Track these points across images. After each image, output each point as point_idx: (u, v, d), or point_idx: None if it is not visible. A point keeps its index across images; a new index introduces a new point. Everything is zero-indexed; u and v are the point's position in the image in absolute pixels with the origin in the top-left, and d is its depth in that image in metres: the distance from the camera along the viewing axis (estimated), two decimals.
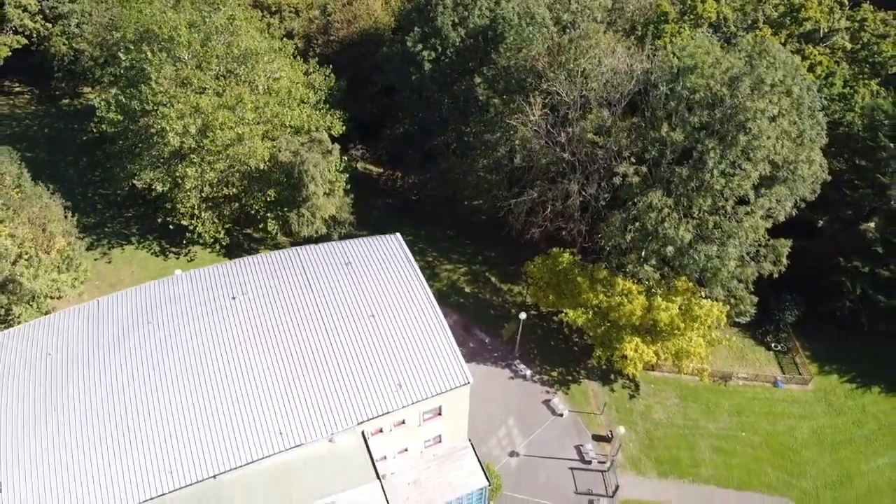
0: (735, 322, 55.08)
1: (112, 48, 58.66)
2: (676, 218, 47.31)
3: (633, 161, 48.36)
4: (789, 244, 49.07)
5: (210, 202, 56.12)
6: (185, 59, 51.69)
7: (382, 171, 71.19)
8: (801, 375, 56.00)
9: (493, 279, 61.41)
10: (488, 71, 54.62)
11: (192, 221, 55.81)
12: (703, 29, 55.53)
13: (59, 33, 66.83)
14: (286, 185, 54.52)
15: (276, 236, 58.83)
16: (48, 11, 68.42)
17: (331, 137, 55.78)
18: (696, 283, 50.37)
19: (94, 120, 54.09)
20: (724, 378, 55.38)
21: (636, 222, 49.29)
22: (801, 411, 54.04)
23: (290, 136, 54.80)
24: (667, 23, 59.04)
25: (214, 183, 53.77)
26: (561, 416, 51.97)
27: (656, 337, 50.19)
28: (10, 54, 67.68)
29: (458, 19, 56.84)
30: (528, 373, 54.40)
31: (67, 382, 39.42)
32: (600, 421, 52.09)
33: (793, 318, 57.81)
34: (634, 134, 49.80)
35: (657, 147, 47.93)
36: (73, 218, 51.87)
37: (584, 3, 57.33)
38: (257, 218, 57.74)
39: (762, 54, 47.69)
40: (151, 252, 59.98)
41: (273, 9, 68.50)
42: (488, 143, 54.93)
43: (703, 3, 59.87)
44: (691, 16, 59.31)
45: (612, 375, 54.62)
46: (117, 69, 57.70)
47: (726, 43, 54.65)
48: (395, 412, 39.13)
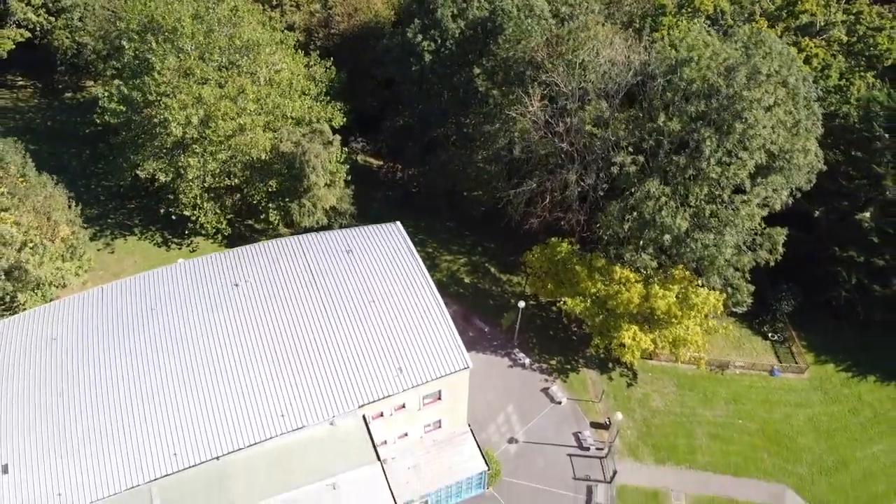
0: (732, 312, 55.65)
1: (115, 40, 59.26)
2: (674, 206, 47.83)
3: (631, 151, 48.89)
4: (785, 232, 49.66)
5: (212, 193, 56.68)
6: (188, 50, 52.26)
7: (382, 163, 71.76)
8: (797, 364, 56.54)
9: (492, 270, 61.97)
10: (487, 62, 55.20)
11: (195, 212, 56.38)
12: (700, 21, 56.02)
13: (62, 27, 67.37)
14: (287, 175, 55.06)
15: (278, 227, 59.38)
16: (51, 5, 68.99)
17: (331, 129, 56.33)
18: (694, 272, 50.94)
19: (98, 111, 54.65)
20: (721, 367, 55.92)
21: (634, 212, 49.82)
22: (797, 399, 54.59)
23: (291, 127, 55.35)
24: (664, 15, 59.58)
25: (217, 173, 54.33)
26: (559, 403, 52.51)
27: (654, 325, 50.72)
28: (13, 48, 68.21)
29: (457, 11, 57.45)
30: (527, 361, 54.94)
31: (72, 367, 40.02)
32: (598, 409, 52.62)
33: (789, 308, 58.35)
34: (632, 125, 50.37)
35: (654, 137, 48.46)
36: (76, 207, 52.41)
37: None
38: (259, 208, 58.32)
39: (758, 45, 48.25)
40: (154, 243, 60.55)
41: (274, 2, 69.06)
42: (488, 135, 55.47)
43: None
44: (689, 8, 59.85)
45: (610, 364, 55.16)
46: (120, 61, 58.29)
47: (723, 35, 55.13)
48: (396, 396, 39.72)
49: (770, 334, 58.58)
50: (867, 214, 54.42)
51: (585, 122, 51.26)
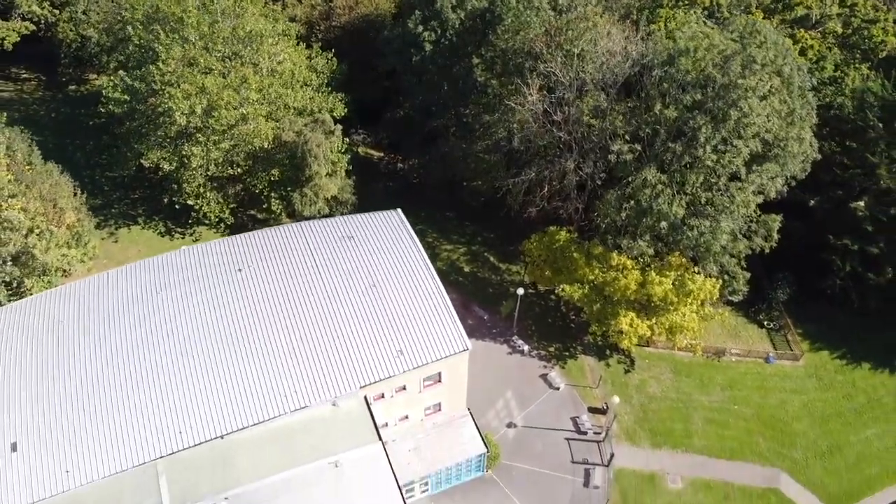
0: (728, 300, 56.33)
1: (119, 31, 59.99)
2: (670, 194, 48.56)
3: (628, 139, 49.61)
4: (780, 219, 50.37)
5: (215, 182, 57.38)
6: (192, 41, 53.02)
7: (383, 155, 72.48)
8: (792, 352, 57.28)
9: (491, 259, 62.71)
10: (486, 53, 55.94)
11: (198, 201, 57.09)
12: (697, 13, 56.74)
13: (67, 19, 68.01)
14: (289, 165, 55.77)
15: (280, 216, 60.09)
16: None
17: (333, 120, 57.03)
18: (691, 260, 51.62)
19: (102, 100, 55.38)
20: (717, 354, 56.67)
21: (631, 200, 50.53)
22: (792, 386, 55.35)
23: (293, 117, 56.10)
24: (661, 7, 60.29)
25: (220, 162, 55.05)
26: (557, 389, 53.24)
27: (651, 312, 51.46)
28: (18, 40, 68.85)
29: (456, 1, 58.14)
30: (526, 348, 55.67)
31: (79, 348, 40.78)
32: (596, 394, 53.37)
33: (785, 297, 59.13)
34: (629, 115, 51.07)
35: (651, 125, 49.19)
36: (82, 195, 53.13)
37: None
38: (261, 198, 59.03)
39: (753, 34, 48.97)
40: (157, 232, 61.26)
41: None
42: (487, 125, 56.16)
43: None
44: (686, 0, 60.56)
45: (607, 351, 55.91)
46: (124, 52, 59.03)
47: (719, 26, 55.82)
48: (396, 377, 40.49)
49: (766, 322, 59.30)
50: (861, 203, 55.12)
51: (584, 112, 51.98)
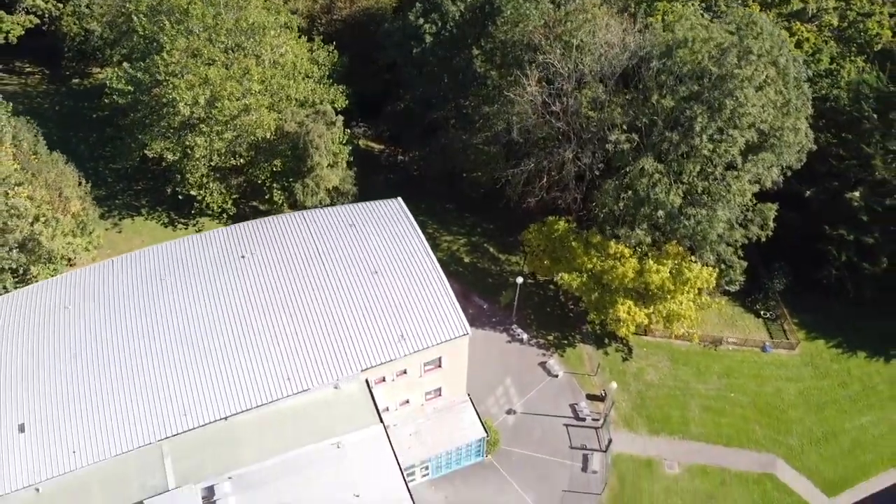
0: (725, 290, 57.03)
1: (122, 25, 60.62)
2: (667, 183, 49.20)
3: (625, 129, 50.23)
4: (775, 208, 51.03)
5: (217, 173, 58.01)
6: (196, 32, 53.73)
7: (384, 147, 73.10)
8: (788, 341, 57.90)
9: (491, 249, 63.33)
10: (486, 44, 56.56)
11: (201, 192, 57.73)
12: (695, 5, 57.32)
13: (70, 13, 68.62)
14: (291, 155, 56.39)
15: (282, 207, 60.52)
16: None
17: (334, 111, 57.61)
18: (688, 250, 52.24)
19: (106, 91, 56.08)
20: (714, 343, 57.30)
21: (629, 190, 51.17)
22: (788, 374, 55.96)
23: (295, 108, 56.75)
24: (659, 0, 60.88)
25: (223, 152, 55.69)
26: (556, 377, 53.89)
27: (648, 301, 52.10)
28: (22, 34, 69.51)
29: None
30: (525, 337, 56.32)
31: (85, 332, 41.49)
32: (594, 382, 54.02)
33: (781, 287, 59.72)
34: (627, 106, 51.71)
35: (648, 116, 49.83)
36: (86, 185, 53.79)
37: None
38: (263, 189, 59.66)
39: (750, 26, 49.61)
40: (160, 223, 61.89)
41: None
42: (486, 116, 56.72)
43: None
44: None
45: (605, 340, 56.54)
46: (127, 44, 59.67)
47: (716, 19, 56.47)
48: (397, 361, 41.17)
49: (762, 312, 59.90)
50: (857, 194, 55.70)
51: (582, 104, 52.58)
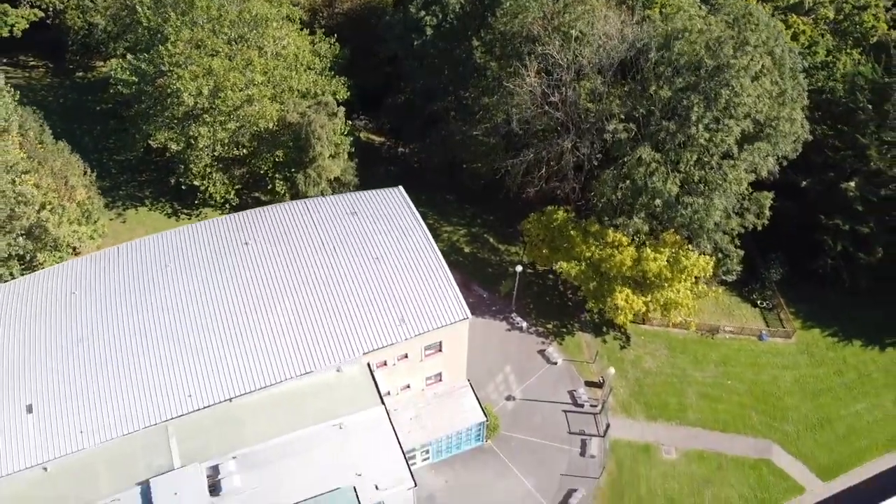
0: (722, 281, 57.79)
1: (125, 18, 61.28)
2: (664, 172, 49.87)
3: (623, 118, 50.90)
4: (771, 196, 51.73)
5: (221, 163, 58.71)
6: (201, 23, 54.48)
7: (384, 140, 73.81)
8: (784, 329, 58.57)
9: (491, 240, 64.02)
10: (486, 35, 57.26)
11: (204, 182, 58.41)
12: None
13: (74, 6, 69.23)
14: (293, 146, 57.06)
15: (284, 197, 61.14)
16: None
17: (336, 102, 58.31)
18: (685, 239, 52.90)
19: (111, 81, 56.81)
20: (711, 331, 57.97)
21: (627, 180, 51.84)
22: (784, 362, 56.63)
23: (297, 99, 57.47)
24: None
25: (226, 142, 56.38)
26: (555, 364, 54.57)
27: (646, 289, 52.77)
28: (27, 27, 70.11)
29: None
30: (525, 325, 57.00)
31: (92, 316, 42.15)
32: (593, 369, 54.69)
33: (778, 277, 60.41)
34: (625, 97, 52.39)
35: (645, 105, 50.51)
36: (91, 174, 54.49)
37: None
38: (265, 180, 60.36)
39: (746, 17, 50.31)
40: (164, 213, 62.59)
41: None
42: (486, 107, 57.39)
43: None
44: None
45: (604, 328, 57.21)
46: (131, 38, 60.39)
47: (714, 11, 57.10)
48: (399, 344, 41.82)
49: (759, 302, 60.61)
50: (852, 184, 56.37)
51: (581, 96, 53.23)
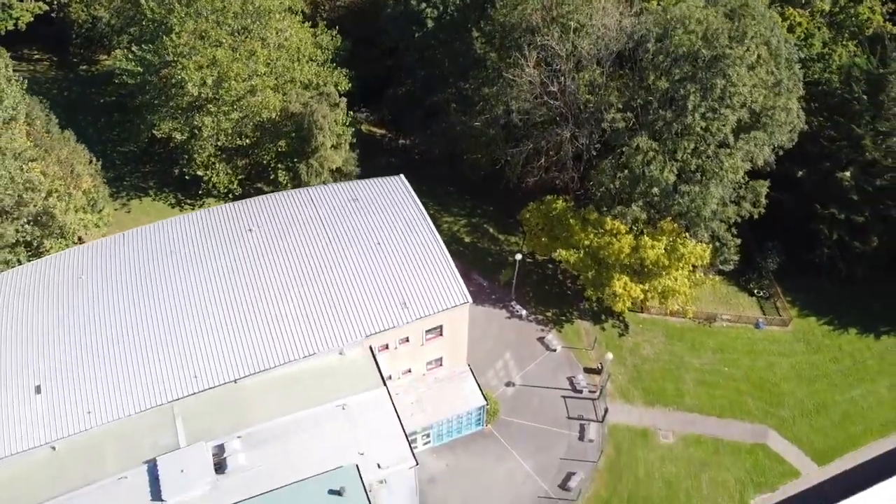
0: (720, 270, 58.54)
1: (129, 10, 62.01)
2: (662, 161, 50.60)
3: (620, 108, 51.62)
4: (767, 184, 52.41)
5: (224, 153, 59.47)
6: (205, 15, 55.28)
7: (385, 132, 74.53)
8: (781, 318, 59.24)
9: (491, 230, 64.73)
10: (486, 27, 57.99)
11: (207, 172, 59.17)
12: None
13: (79, 0, 69.95)
14: (296, 136, 57.86)
15: (286, 187, 61.88)
16: None
17: (337, 93, 59.02)
18: (683, 227, 53.62)
19: (116, 71, 57.59)
20: (708, 319, 58.68)
21: (625, 169, 52.60)
22: (780, 349, 57.32)
23: (299, 90, 58.22)
24: None
25: (229, 132, 57.12)
26: (554, 351, 55.30)
27: (644, 277, 53.51)
28: (31, 20, 70.76)
29: None
30: (524, 313, 57.73)
31: (99, 300, 42.92)
32: (591, 356, 55.42)
33: (774, 266, 60.97)
34: (623, 88, 53.12)
35: (643, 96, 51.22)
36: (97, 163, 55.22)
37: None
38: (268, 170, 61.10)
39: (743, 8, 50.98)
40: (168, 203, 63.36)
41: None
42: (486, 98, 58.10)
43: None
44: None
45: (602, 316, 57.93)
46: (135, 31, 61.14)
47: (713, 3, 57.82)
48: (400, 328, 42.57)
49: (756, 291, 61.25)
50: (848, 174, 57.03)
51: (580, 87, 53.95)
